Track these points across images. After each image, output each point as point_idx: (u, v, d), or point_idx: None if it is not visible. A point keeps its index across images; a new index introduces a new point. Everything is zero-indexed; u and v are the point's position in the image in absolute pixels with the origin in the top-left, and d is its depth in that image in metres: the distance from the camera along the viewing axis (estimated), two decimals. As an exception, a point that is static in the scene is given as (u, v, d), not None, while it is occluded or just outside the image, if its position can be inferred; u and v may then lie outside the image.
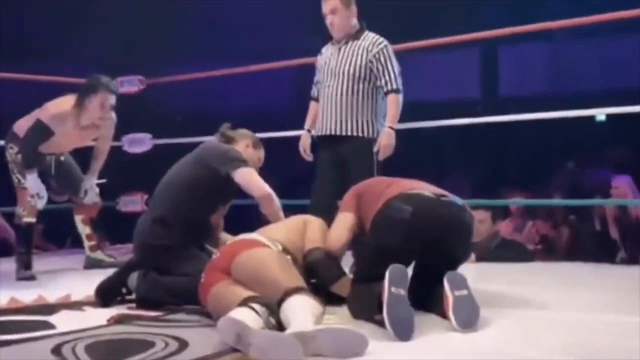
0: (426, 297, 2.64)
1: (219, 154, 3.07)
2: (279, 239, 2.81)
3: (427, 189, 2.80)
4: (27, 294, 3.20)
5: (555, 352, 2.13)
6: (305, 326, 2.16)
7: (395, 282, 2.39)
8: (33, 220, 3.87)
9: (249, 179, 3.05)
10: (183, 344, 2.28)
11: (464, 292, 2.48)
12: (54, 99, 3.92)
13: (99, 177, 4.19)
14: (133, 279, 3.02)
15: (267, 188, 3.08)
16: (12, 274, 3.77)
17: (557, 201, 5.31)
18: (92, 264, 4.08)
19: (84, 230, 4.17)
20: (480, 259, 4.24)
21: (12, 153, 3.87)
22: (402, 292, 2.38)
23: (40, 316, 2.75)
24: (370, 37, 3.69)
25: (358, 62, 3.65)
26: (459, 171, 7.31)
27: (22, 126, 3.88)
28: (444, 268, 2.58)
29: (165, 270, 2.97)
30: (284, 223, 3.06)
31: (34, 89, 4.52)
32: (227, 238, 3.14)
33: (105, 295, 3.00)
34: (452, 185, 5.22)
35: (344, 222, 2.95)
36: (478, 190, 6.26)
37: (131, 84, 5.36)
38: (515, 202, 5.11)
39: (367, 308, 2.53)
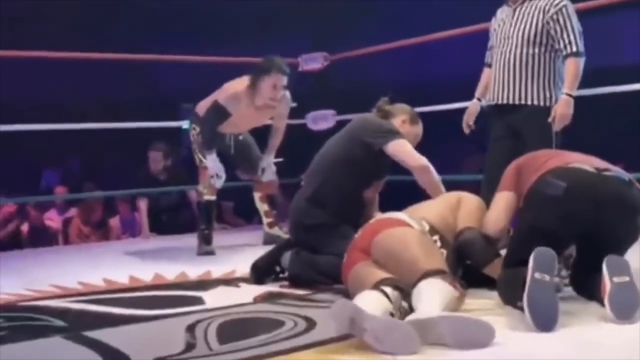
0: (586, 282, 2.37)
1: (372, 127, 2.99)
2: (428, 218, 2.66)
3: (589, 162, 2.50)
4: (199, 269, 3.35)
5: None
6: (429, 312, 2.02)
7: (539, 267, 2.15)
8: (213, 198, 4.03)
9: (403, 150, 2.95)
10: (311, 325, 2.25)
11: (625, 278, 2.19)
12: (231, 80, 4.04)
13: (277, 156, 4.27)
14: (287, 257, 3.03)
15: (422, 159, 2.96)
16: (192, 249, 3.96)
17: None
18: (270, 240, 4.17)
19: (262, 207, 4.28)
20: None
21: (195, 133, 4.05)
22: (547, 277, 2.14)
23: (195, 291, 2.86)
24: None
25: (534, 24, 3.34)
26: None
27: (202, 107, 4.05)
28: (607, 251, 2.29)
29: (317, 249, 2.96)
30: (437, 201, 2.90)
31: (227, 69, 4.67)
32: (376, 215, 3.05)
33: (260, 273, 3.04)
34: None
35: (502, 202, 2.70)
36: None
37: (315, 61, 5.40)
38: None
39: (512, 293, 2.31)
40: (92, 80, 7.46)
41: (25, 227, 6.14)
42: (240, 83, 3.96)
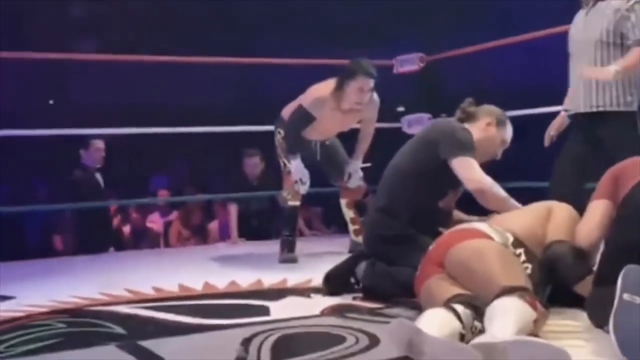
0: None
1: (445, 134, 2.79)
2: (513, 229, 2.43)
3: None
4: (275, 277, 3.25)
5: None
6: (498, 335, 1.82)
7: (629, 287, 1.90)
8: (297, 204, 3.93)
9: (464, 170, 2.74)
10: (374, 342, 2.09)
11: None
12: (316, 84, 3.94)
13: (365, 161, 4.12)
14: (361, 268, 2.88)
15: (481, 182, 2.74)
16: (276, 256, 3.87)
17: None
18: (356, 248, 4.02)
19: (348, 213, 4.14)
20: None
21: (279, 138, 3.97)
22: (638, 300, 1.88)
23: (263, 301, 2.75)
24: None
25: (605, 26, 3.06)
26: None
27: (287, 111, 3.96)
28: None
29: (393, 260, 2.79)
30: (525, 210, 2.65)
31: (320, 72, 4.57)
32: (461, 217, 2.84)
33: (333, 284, 2.90)
34: None
35: (597, 211, 2.42)
36: None
37: (410, 63, 5.21)
38: None
39: (603, 316, 2.05)
40: (203, 84, 7.54)
41: (127, 229, 6.28)
42: (326, 87, 3.84)
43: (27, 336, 2.30)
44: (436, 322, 1.93)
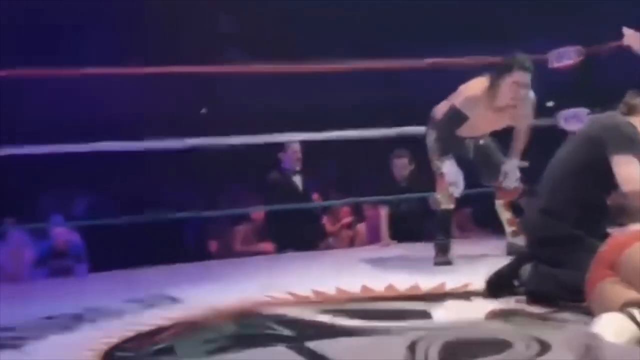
0: None
1: (608, 129, 2.66)
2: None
3: None
4: (432, 280, 3.21)
5: None
6: (684, 342, 1.71)
7: None
8: (451, 206, 3.87)
9: (622, 169, 2.59)
10: (545, 348, 2.02)
11: None
12: (467, 82, 3.86)
13: (522, 160, 4.00)
14: (526, 270, 2.79)
15: (638, 184, 2.56)
16: (430, 258, 3.83)
17: None
18: (513, 251, 3.90)
19: (504, 215, 4.02)
20: None
21: (432, 139, 3.93)
22: None
23: (424, 304, 2.73)
24: None
25: None
26: None
27: (439, 111, 3.91)
28: None
29: (558, 262, 2.68)
30: None
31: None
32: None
33: (496, 287, 2.83)
34: None
35: None
36: None
37: (567, 57, 4.99)
38: None
39: None
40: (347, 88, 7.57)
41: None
42: (479, 84, 3.76)
43: (200, 338, 2.40)
44: (613, 328, 1.85)
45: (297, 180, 5.38)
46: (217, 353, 2.21)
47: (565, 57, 5.02)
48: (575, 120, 4.94)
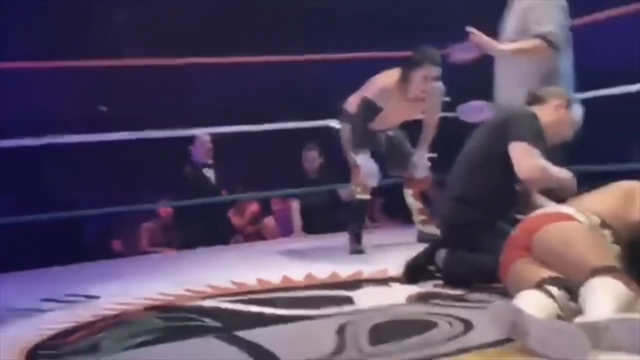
0: None
1: (511, 118, 2.80)
2: (599, 211, 2.42)
3: None
4: (350, 268, 3.28)
5: None
6: (600, 314, 1.83)
7: None
8: (366, 197, 3.95)
9: (518, 156, 2.72)
10: (468, 327, 2.11)
11: None
12: (378, 75, 3.95)
13: (430, 151, 4.13)
14: (440, 256, 2.90)
15: (532, 172, 2.71)
16: (344, 248, 3.91)
17: None
18: (424, 238, 4.03)
19: (415, 204, 4.16)
20: None
21: (346, 132, 3.99)
22: None
23: (346, 291, 2.79)
24: None
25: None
26: None
27: (352, 104, 3.98)
28: None
29: (473, 247, 2.80)
30: (609, 191, 2.61)
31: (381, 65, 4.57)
32: (542, 203, 2.83)
33: (413, 272, 2.92)
34: None
35: None
36: None
37: (468, 51, 5.17)
38: None
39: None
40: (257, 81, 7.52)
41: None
42: (390, 77, 3.86)
43: (125, 332, 2.36)
44: (532, 304, 1.94)
45: (209, 173, 5.35)
46: (145, 346, 2.19)
47: (466, 51, 5.20)
48: (475, 112, 5.14)
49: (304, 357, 1.92)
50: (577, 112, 3.01)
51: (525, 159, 2.72)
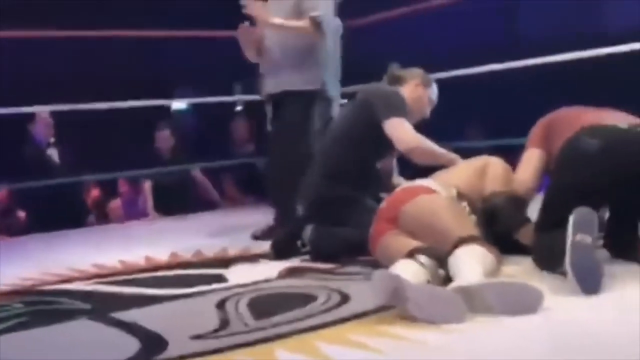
0: (624, 244, 2.31)
1: (378, 97, 2.91)
2: (456, 183, 2.59)
3: (620, 119, 2.42)
4: (214, 247, 3.27)
5: None
6: (471, 279, 1.96)
7: (580, 228, 2.08)
8: None
9: (395, 131, 2.84)
10: (345, 298, 2.17)
11: (665, 237, 2.12)
12: None
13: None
14: (308, 231, 2.95)
15: (412, 141, 2.84)
16: (202, 228, 3.88)
17: None
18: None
19: None
20: None
21: None
22: (589, 239, 2.07)
23: (217, 269, 2.78)
24: None
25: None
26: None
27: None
28: (641, 210, 2.23)
29: (339, 221, 2.88)
30: (464, 166, 2.82)
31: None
32: (400, 183, 2.97)
33: (281, 248, 2.97)
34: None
35: (531, 160, 2.63)
36: None
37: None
38: None
39: (551, 258, 2.23)
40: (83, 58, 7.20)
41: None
42: None
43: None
44: (406, 273, 2.04)
45: (53, 153, 5.08)
46: (16, 332, 2.07)
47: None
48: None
49: (189, 334, 1.90)
50: (435, 91, 3.15)
51: (402, 132, 2.83)
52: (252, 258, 3.00)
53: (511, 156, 2.92)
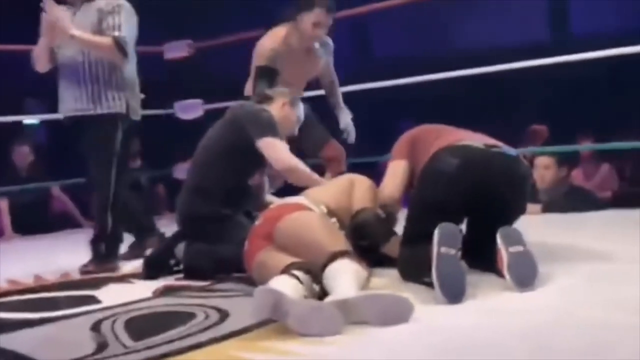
0: (481, 255, 2.48)
1: (249, 116, 2.97)
2: (325, 201, 2.70)
3: (477, 140, 2.62)
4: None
5: (624, 310, 1.93)
6: (347, 293, 2.05)
7: (444, 242, 2.23)
8: None
9: (271, 150, 2.91)
10: (224, 315, 2.21)
11: (519, 248, 2.31)
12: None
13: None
14: (181, 249, 2.96)
15: (288, 161, 2.93)
16: (66, 248, 3.77)
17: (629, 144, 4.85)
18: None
19: None
20: (547, 209, 4.02)
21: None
22: (453, 251, 2.23)
23: (87, 290, 2.73)
24: None
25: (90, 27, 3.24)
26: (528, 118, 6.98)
27: (247, 88, 3.61)
28: (498, 223, 2.41)
29: (211, 239, 2.90)
30: (331, 183, 2.95)
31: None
32: (272, 201, 3.05)
33: (154, 267, 2.95)
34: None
35: (397, 171, 2.79)
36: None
37: (179, 49, 5.28)
38: (586, 147, 4.82)
39: (416, 270, 2.39)
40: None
41: None
42: (275, 34, 3.56)
43: None
44: (286, 288, 2.10)
45: None
46: None
47: (177, 50, 5.30)
48: (191, 110, 5.26)
49: (67, 358, 1.87)
50: (301, 110, 3.24)
51: (278, 152, 2.90)
52: (124, 278, 2.96)
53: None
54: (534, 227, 3.00)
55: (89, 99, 3.24)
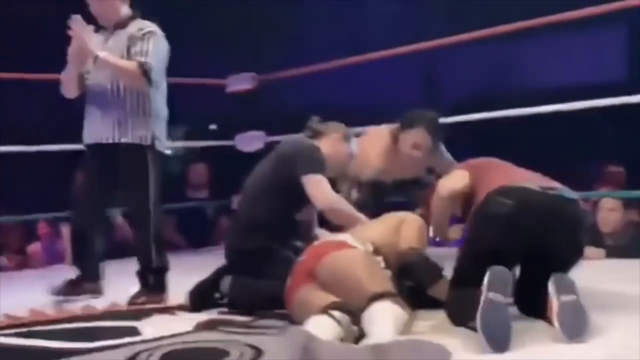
0: (533, 301, 2.37)
1: (298, 152, 2.95)
2: (372, 239, 2.63)
3: (533, 181, 2.51)
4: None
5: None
6: (383, 337, 1.97)
7: (494, 287, 2.13)
8: None
9: (313, 188, 2.88)
10: (258, 353, 2.15)
11: (572, 297, 2.18)
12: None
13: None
14: (226, 283, 2.93)
15: (330, 202, 2.91)
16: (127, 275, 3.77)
17: None
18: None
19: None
20: (612, 254, 3.83)
21: None
22: (501, 297, 2.12)
23: (130, 321, 2.72)
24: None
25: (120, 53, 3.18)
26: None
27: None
28: (551, 269, 2.30)
29: (256, 273, 2.87)
30: (379, 222, 2.87)
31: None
32: (321, 234, 2.99)
33: (198, 300, 2.93)
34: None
35: (460, 175, 2.70)
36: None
37: (244, 82, 5.32)
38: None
39: (463, 314, 2.29)
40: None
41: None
42: (376, 147, 3.66)
43: None
44: (319, 328, 2.04)
45: None
46: None
47: (242, 82, 5.36)
48: (251, 142, 5.29)
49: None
50: (354, 145, 3.21)
51: (319, 191, 2.87)
52: (169, 310, 2.95)
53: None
54: (595, 272, 2.88)
55: (114, 127, 3.16)
